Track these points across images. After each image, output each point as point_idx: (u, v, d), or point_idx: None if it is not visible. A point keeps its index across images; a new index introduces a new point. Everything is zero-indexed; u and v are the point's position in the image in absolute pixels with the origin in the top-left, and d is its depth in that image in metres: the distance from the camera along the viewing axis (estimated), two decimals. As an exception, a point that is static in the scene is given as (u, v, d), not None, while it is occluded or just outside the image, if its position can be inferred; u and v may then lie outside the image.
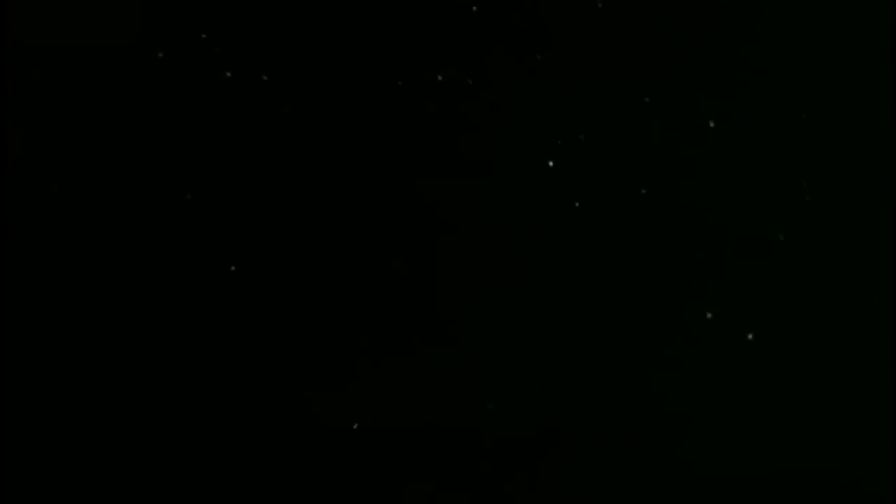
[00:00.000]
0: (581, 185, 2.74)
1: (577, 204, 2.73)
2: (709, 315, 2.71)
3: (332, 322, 2.68)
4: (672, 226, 2.74)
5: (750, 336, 2.70)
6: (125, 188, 2.65)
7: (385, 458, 2.64)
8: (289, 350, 2.66)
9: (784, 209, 2.74)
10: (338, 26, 2.76)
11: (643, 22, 2.79)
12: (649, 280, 2.72)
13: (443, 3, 2.78)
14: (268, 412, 2.64)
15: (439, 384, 2.68)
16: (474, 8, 2.78)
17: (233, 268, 2.62)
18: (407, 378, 2.68)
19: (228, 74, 2.71)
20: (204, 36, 2.71)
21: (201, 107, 2.70)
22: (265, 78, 2.71)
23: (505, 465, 2.65)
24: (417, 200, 2.72)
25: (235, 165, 2.69)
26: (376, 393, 2.67)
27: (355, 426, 2.63)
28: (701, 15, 2.79)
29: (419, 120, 2.75)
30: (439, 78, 2.76)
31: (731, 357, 2.70)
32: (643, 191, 2.74)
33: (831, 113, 2.75)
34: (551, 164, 2.74)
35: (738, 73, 2.77)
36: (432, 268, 2.71)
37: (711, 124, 2.75)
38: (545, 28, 2.78)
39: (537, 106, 2.77)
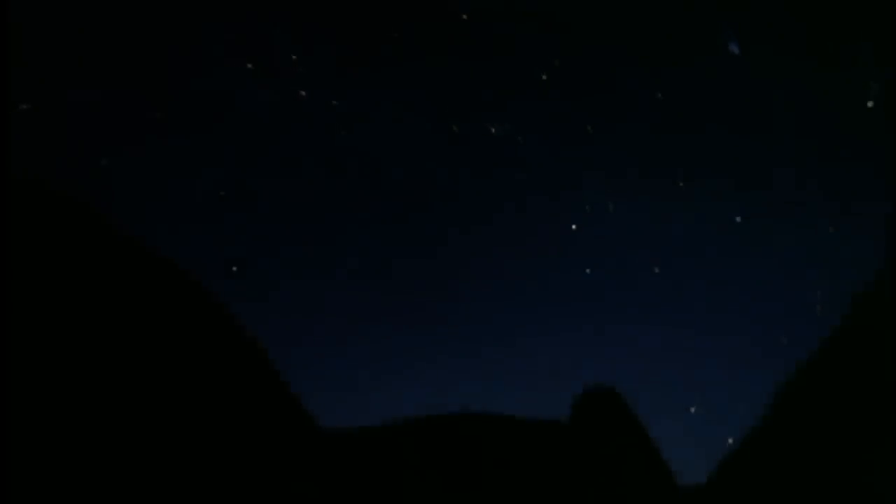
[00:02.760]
0: (597, 254, 2.81)
1: (588, 270, 2.79)
2: (692, 409, 2.68)
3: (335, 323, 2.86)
4: (674, 311, 2.75)
5: (730, 441, 2.65)
6: (170, 176, 2.97)
7: (385, 457, 2.78)
8: (290, 350, 2.87)
9: (792, 314, 2.69)
10: (410, 75, 3.00)
11: (690, 115, 2.85)
12: (639, 363, 2.73)
13: (516, 67, 2.97)
14: (268, 412, 2.85)
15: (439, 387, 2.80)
16: (544, 77, 2.95)
17: (234, 268, 2.87)
18: (407, 379, 2.82)
19: (303, 94, 3.00)
20: (294, 57, 3.02)
21: (270, 114, 2.99)
22: (335, 103, 2.98)
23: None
24: (442, 231, 2.88)
25: (276, 172, 2.95)
26: (377, 393, 2.82)
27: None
28: (750, 121, 2.82)
29: (464, 161, 2.92)
30: (493, 130, 2.93)
31: (708, 454, 2.66)
32: (656, 270, 2.77)
33: (854, 232, 2.69)
34: (574, 227, 2.82)
35: (776, 179, 2.77)
36: (438, 290, 2.86)
37: (738, 219, 2.75)
38: (602, 105, 2.90)
39: (577, 170, 2.88)
